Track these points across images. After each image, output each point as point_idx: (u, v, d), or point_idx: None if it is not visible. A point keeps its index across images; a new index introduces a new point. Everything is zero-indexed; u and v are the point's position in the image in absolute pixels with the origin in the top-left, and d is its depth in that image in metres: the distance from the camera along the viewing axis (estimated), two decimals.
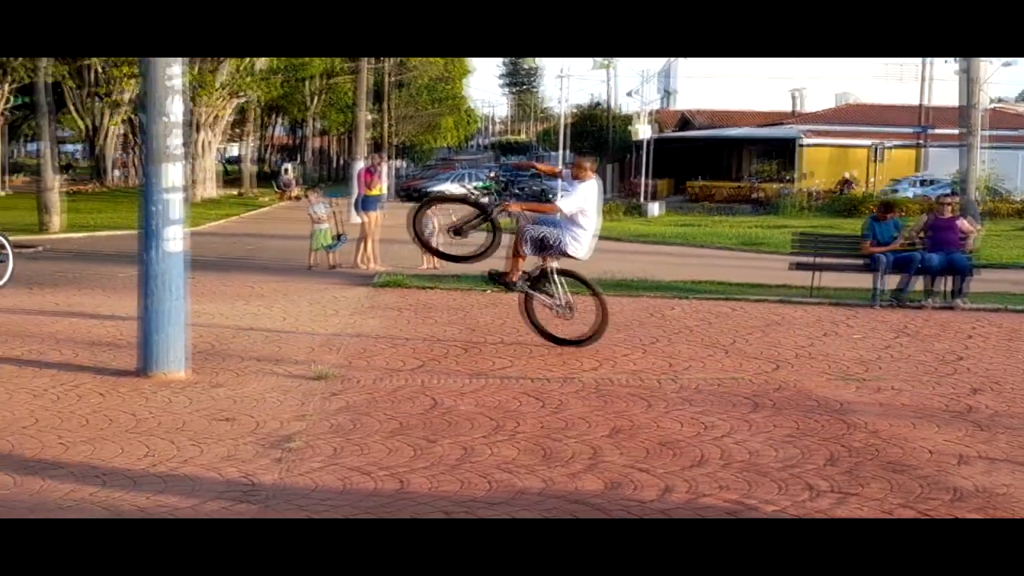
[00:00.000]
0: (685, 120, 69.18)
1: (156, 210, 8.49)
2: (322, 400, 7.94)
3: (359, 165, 29.07)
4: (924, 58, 51.45)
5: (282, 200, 47.82)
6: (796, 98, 68.49)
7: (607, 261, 20.29)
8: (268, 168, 75.54)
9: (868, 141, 52.87)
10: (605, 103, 73.98)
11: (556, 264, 10.44)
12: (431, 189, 49.11)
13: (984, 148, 26.83)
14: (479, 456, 6.56)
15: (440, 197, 17.00)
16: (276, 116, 73.26)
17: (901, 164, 52.26)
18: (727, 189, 52.54)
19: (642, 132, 44.67)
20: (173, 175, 8.55)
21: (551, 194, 20.80)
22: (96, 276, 16.09)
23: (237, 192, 50.62)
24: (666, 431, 7.28)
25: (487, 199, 10.77)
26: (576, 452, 6.70)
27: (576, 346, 10.32)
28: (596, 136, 70.59)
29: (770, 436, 7.20)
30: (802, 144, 54.92)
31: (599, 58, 58.54)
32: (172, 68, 8.50)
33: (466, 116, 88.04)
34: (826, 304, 14.22)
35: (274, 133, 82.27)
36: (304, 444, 6.72)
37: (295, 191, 49.17)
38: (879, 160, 50.35)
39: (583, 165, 10.32)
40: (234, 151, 78.29)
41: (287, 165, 59.74)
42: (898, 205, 22.73)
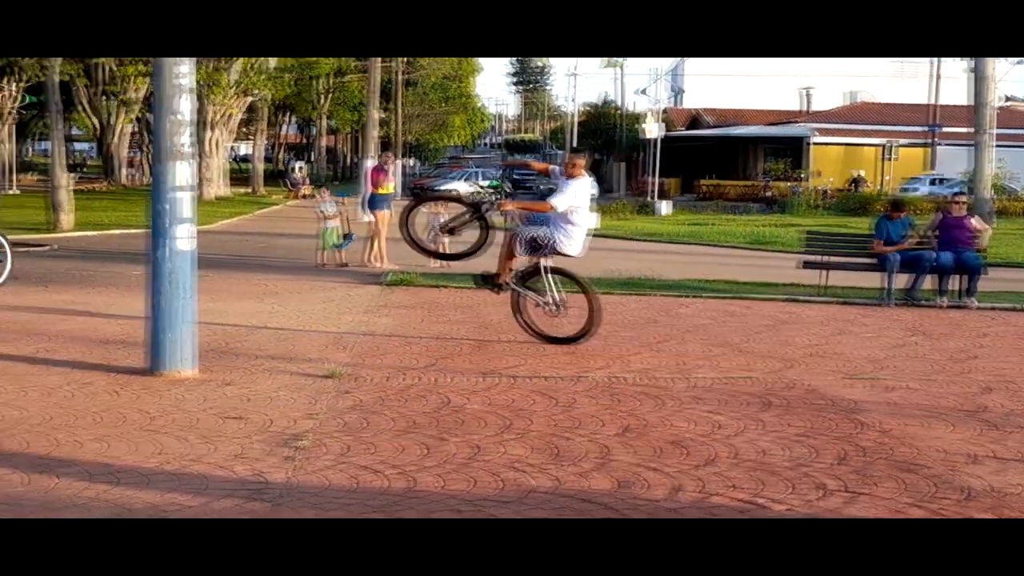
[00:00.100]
0: (694, 119, 69.13)
1: (166, 208, 8.49)
2: (332, 398, 7.94)
3: (369, 164, 29.10)
4: (934, 58, 51.26)
5: (292, 199, 47.88)
6: (806, 96, 68.37)
7: (617, 260, 20.28)
8: (278, 167, 75.67)
9: (878, 140, 52.75)
10: (615, 102, 73.98)
11: (548, 262, 10.46)
12: (441, 188, 49.14)
13: (995, 146, 26.76)
14: (489, 455, 6.55)
15: (432, 196, 17.01)
16: (286, 115, 73.36)
17: (911, 163, 52.12)
18: (737, 187, 52.48)
19: (651, 131, 44.58)
20: (183, 173, 8.56)
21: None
22: (106, 274, 16.12)
23: (247, 190, 50.68)
24: (676, 430, 7.26)
25: (480, 198, 10.83)
26: (586, 451, 6.69)
27: (567, 344, 10.31)
28: (606, 135, 70.57)
29: (780, 435, 7.18)
30: (812, 143, 54.84)
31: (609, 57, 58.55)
32: (182, 67, 8.50)
33: (476, 115, 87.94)
34: (837, 303, 14.20)
35: (284, 132, 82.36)
36: (314, 442, 6.72)
37: (305, 189, 49.23)
38: (889, 159, 50.19)
39: (575, 162, 10.33)
40: (244, 150, 78.45)
41: (297, 164, 59.84)
42: (908, 204, 22.64)
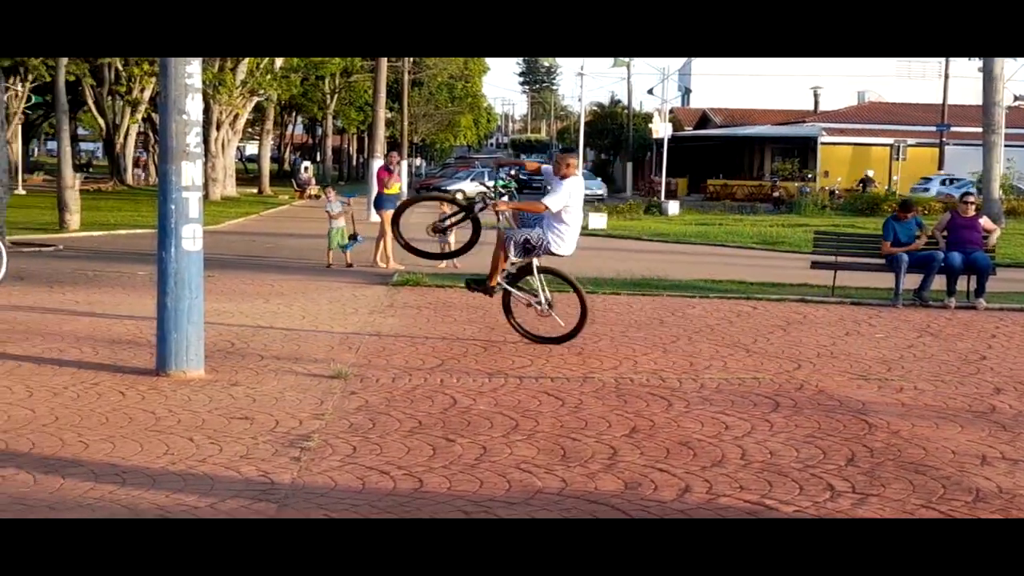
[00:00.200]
0: (703, 118, 69.08)
1: (173, 208, 8.49)
2: (340, 399, 7.92)
3: (377, 163, 29.11)
4: (943, 57, 51.17)
5: (300, 199, 47.91)
6: (814, 96, 68.28)
7: (625, 260, 20.26)
8: (286, 167, 75.74)
9: (888, 139, 52.63)
10: (622, 101, 73.95)
11: (538, 261, 10.47)
12: (449, 188, 49.19)
13: (1005, 146, 26.72)
14: (497, 455, 6.54)
15: (423, 196, 17.02)
16: (294, 114, 73.43)
17: (920, 163, 52.02)
18: (746, 187, 52.41)
19: (660, 130, 44.55)
20: (191, 173, 8.55)
21: None
22: (114, 274, 16.12)
23: (254, 191, 50.72)
24: (685, 431, 7.24)
25: (473, 199, 10.89)
26: (595, 452, 6.67)
27: (557, 343, 10.30)
28: (614, 134, 70.54)
29: (790, 436, 7.15)
30: (820, 143, 54.76)
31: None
32: (190, 67, 8.49)
33: (483, 115, 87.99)
34: (847, 303, 14.15)
35: (291, 132, 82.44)
36: (322, 443, 6.70)
37: (313, 189, 49.26)
38: (898, 159, 50.11)
39: (567, 162, 10.36)
40: (252, 149, 78.53)
41: (305, 163, 59.85)
42: (918, 204, 22.57)
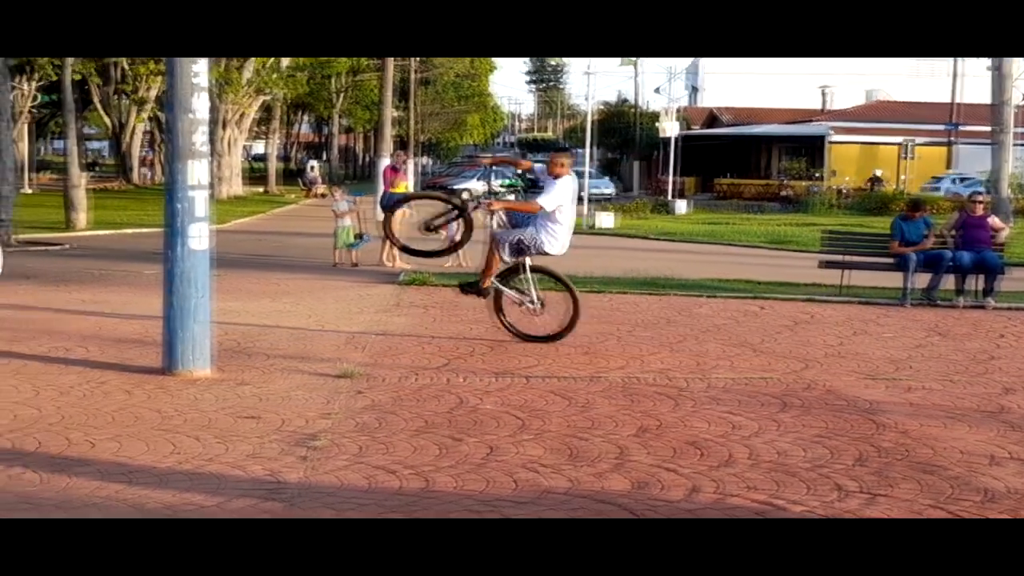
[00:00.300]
0: (712, 117, 68.99)
1: (181, 207, 8.48)
2: (348, 398, 7.91)
3: (384, 162, 29.10)
4: (954, 57, 51.03)
5: (307, 198, 47.96)
6: (824, 95, 68.16)
7: (634, 259, 20.25)
8: (294, 165, 75.82)
9: (897, 138, 52.52)
10: (632, 100, 73.88)
11: (530, 260, 10.49)
12: (457, 187, 49.18)
13: (1015, 145, 26.62)
14: (505, 455, 6.52)
15: (415, 195, 17.01)
16: (301, 113, 73.51)
17: (930, 162, 51.91)
18: (755, 187, 52.34)
19: (669, 129, 44.46)
20: (198, 172, 8.54)
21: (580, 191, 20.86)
22: (122, 273, 16.14)
23: (262, 189, 50.78)
24: (694, 430, 7.22)
25: (464, 197, 10.94)
26: (603, 451, 6.65)
27: (546, 342, 10.29)
28: (623, 133, 70.49)
29: (799, 436, 7.12)
30: (830, 141, 54.66)
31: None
32: (197, 65, 8.49)
33: (492, 113, 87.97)
34: (856, 303, 14.12)
35: (299, 130, 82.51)
36: (329, 442, 6.69)
37: (320, 188, 49.31)
38: (909, 157, 49.99)
39: (560, 161, 10.36)
40: (260, 148, 78.61)
41: (312, 162, 59.93)
42: (929, 203, 22.48)
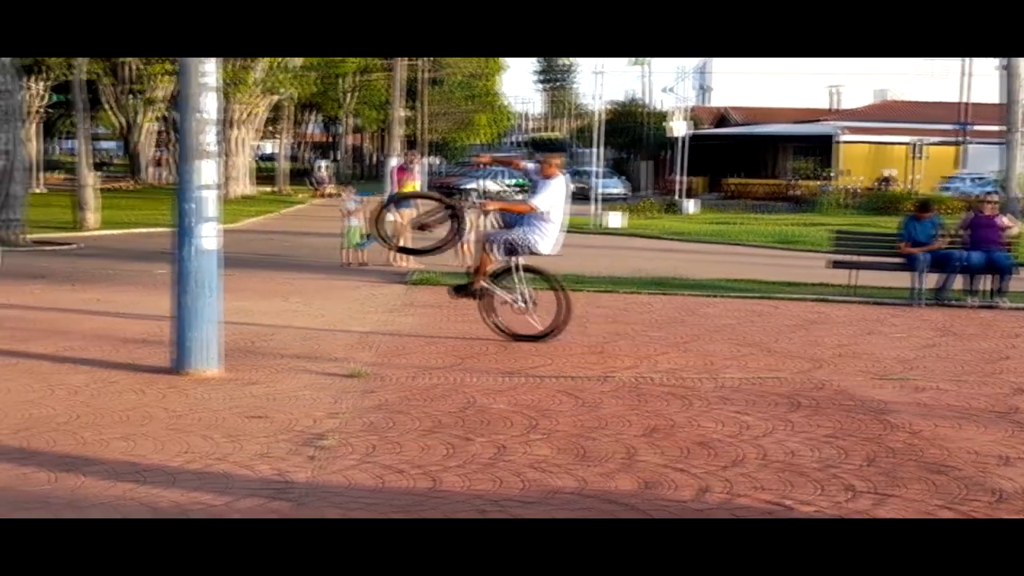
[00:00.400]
0: (721, 117, 68.90)
1: (190, 207, 8.49)
2: (356, 398, 7.92)
3: (393, 162, 29.14)
4: (964, 57, 50.89)
5: (317, 197, 47.99)
6: (834, 94, 68.02)
7: (643, 259, 20.24)
8: (303, 165, 75.90)
9: (907, 138, 52.38)
10: (641, 100, 73.76)
11: (520, 260, 10.52)
12: (466, 187, 49.20)
13: None
14: (513, 455, 6.52)
15: (405, 195, 17.03)
16: (311, 113, 73.54)
17: (941, 161, 51.77)
18: (764, 186, 52.23)
19: (678, 129, 44.39)
20: (207, 172, 8.55)
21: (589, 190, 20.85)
22: (131, 273, 16.17)
23: (272, 189, 50.84)
24: (703, 430, 7.21)
25: (456, 197, 11.01)
26: (612, 451, 6.64)
27: (535, 342, 10.30)
28: (632, 133, 70.42)
29: (809, 436, 7.11)
30: (840, 141, 54.53)
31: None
32: (206, 65, 8.50)
33: (501, 113, 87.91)
34: (867, 303, 14.10)
35: (309, 130, 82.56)
36: (338, 442, 6.70)
37: (329, 188, 49.34)
38: (919, 157, 49.86)
39: (552, 162, 10.44)
40: (269, 148, 78.72)
41: (321, 162, 60.02)
42: (940, 203, 22.43)
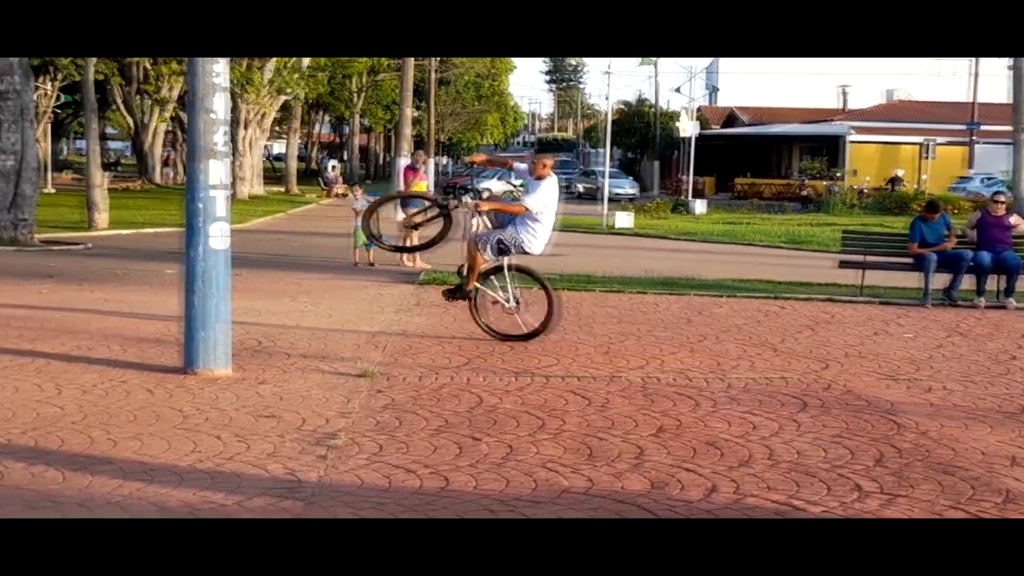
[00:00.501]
0: (730, 116, 68.80)
1: (200, 207, 8.52)
2: (366, 397, 7.94)
3: (403, 162, 29.15)
4: (973, 57, 50.78)
5: (326, 197, 48.05)
6: (843, 95, 67.88)
7: (652, 259, 20.23)
8: (313, 165, 75.97)
9: (916, 138, 52.29)
10: (649, 100, 73.73)
11: (509, 260, 10.57)
12: (476, 186, 49.20)
13: None
14: (523, 454, 6.53)
15: (396, 195, 17.09)
16: (321, 113, 73.64)
17: (950, 161, 51.66)
18: (774, 186, 52.17)
19: (687, 129, 44.37)
20: (218, 172, 8.58)
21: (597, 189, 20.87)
22: (142, 273, 16.21)
23: (281, 189, 50.90)
24: (712, 430, 7.21)
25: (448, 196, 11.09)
26: (621, 451, 6.65)
27: (523, 341, 10.31)
28: (640, 133, 70.39)
29: (818, 436, 7.11)
30: (850, 141, 54.46)
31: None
32: (217, 65, 8.52)
33: (509, 113, 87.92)
34: (875, 303, 14.08)
35: (318, 130, 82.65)
36: (348, 441, 6.71)
37: (339, 188, 49.38)
38: (928, 157, 49.76)
39: (544, 163, 10.48)
40: (279, 148, 78.80)
41: (331, 162, 60.05)
42: (949, 203, 22.38)
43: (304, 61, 43.82)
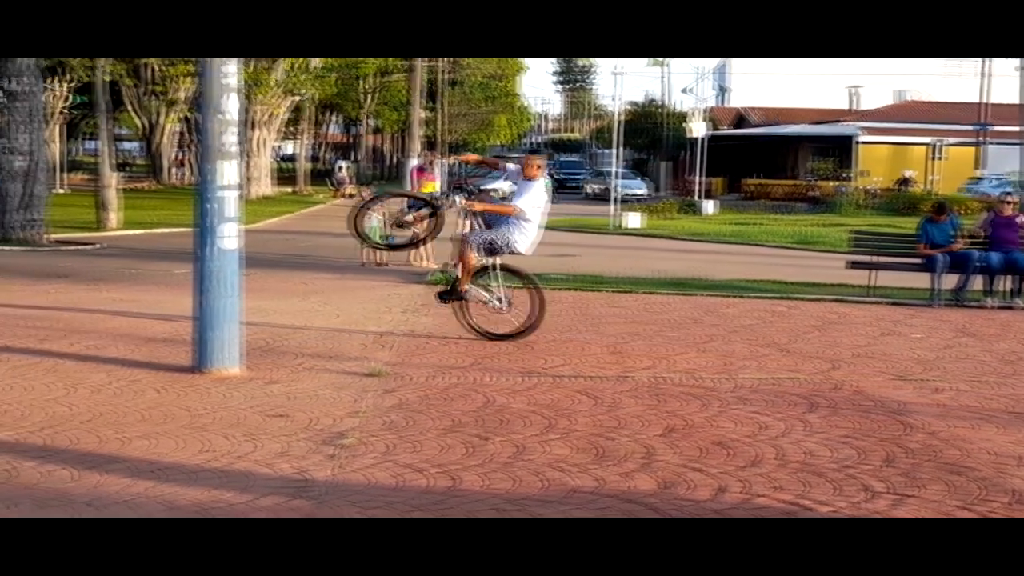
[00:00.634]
0: (740, 117, 68.77)
1: (212, 207, 8.54)
2: (376, 397, 7.95)
3: (412, 163, 29.20)
4: (984, 57, 50.65)
5: (336, 198, 48.09)
6: (853, 95, 67.78)
7: (662, 259, 20.23)
8: (323, 166, 76.03)
9: (926, 139, 52.19)
10: (659, 100, 73.68)
11: (499, 260, 10.59)
12: (485, 187, 49.22)
13: None
14: (532, 454, 6.54)
15: (389, 193, 17.10)
16: (331, 114, 73.71)
17: (960, 162, 51.54)
18: (783, 187, 52.09)
19: (697, 129, 44.30)
20: (229, 172, 8.60)
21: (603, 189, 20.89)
22: (153, 273, 16.26)
23: (292, 190, 50.97)
24: (721, 430, 7.21)
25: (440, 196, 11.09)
26: (630, 451, 6.66)
27: (509, 340, 10.31)
28: (650, 134, 70.35)
29: (826, 436, 7.11)
30: (859, 141, 54.35)
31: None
32: (228, 66, 8.55)
33: (519, 114, 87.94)
34: (885, 303, 14.07)
35: (329, 131, 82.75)
36: (358, 441, 6.73)
37: (349, 189, 49.42)
38: (938, 158, 49.64)
39: (534, 164, 10.46)
40: (289, 149, 78.90)
41: (341, 163, 60.06)
42: (958, 204, 22.34)
43: (314, 61, 43.87)
